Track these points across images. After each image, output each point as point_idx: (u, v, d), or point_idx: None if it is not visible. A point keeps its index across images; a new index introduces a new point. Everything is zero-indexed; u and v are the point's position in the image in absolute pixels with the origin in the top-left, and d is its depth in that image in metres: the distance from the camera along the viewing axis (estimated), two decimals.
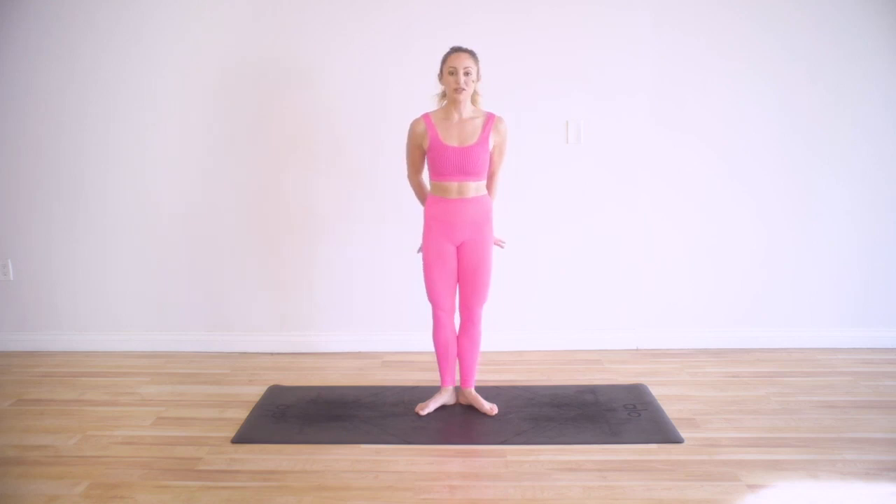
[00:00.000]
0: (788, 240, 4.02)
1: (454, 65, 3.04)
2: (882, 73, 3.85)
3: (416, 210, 3.33)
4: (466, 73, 3.03)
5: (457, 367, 3.31)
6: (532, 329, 4.11)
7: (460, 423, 3.17)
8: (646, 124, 3.93)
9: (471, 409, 3.28)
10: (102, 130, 4.00)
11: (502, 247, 3.31)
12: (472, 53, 3.08)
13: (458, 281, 3.20)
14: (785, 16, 3.82)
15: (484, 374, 3.57)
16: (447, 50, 3.12)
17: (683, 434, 2.98)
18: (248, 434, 3.05)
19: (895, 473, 2.65)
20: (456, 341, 3.26)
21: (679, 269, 4.05)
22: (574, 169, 3.97)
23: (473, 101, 3.16)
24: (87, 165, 4.04)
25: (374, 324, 4.13)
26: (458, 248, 3.17)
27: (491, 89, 3.85)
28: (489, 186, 3.23)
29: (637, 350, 4.09)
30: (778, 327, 4.08)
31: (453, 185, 3.10)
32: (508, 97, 3.84)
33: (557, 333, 4.10)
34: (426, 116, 3.14)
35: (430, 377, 3.62)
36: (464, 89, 3.04)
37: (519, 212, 3.93)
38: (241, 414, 3.26)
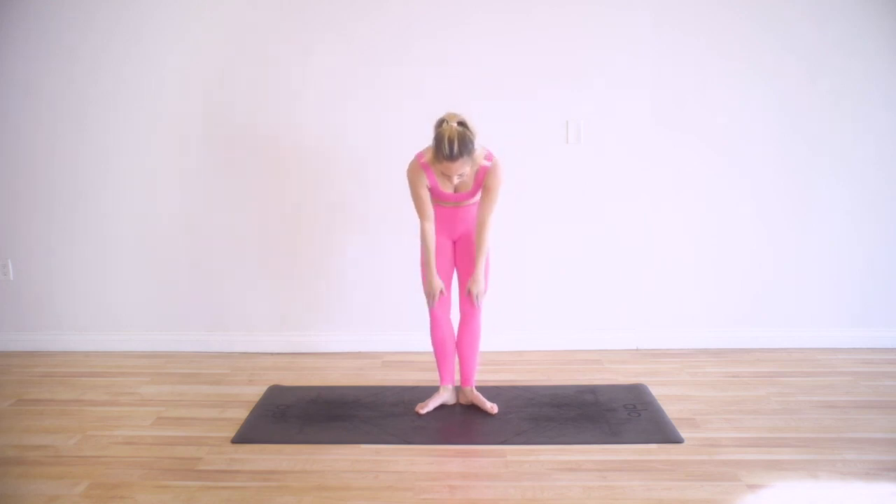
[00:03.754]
0: (789, 240, 4.01)
1: (447, 172, 2.94)
2: (882, 73, 3.85)
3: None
4: (460, 176, 2.96)
5: (457, 368, 3.31)
6: (532, 329, 4.11)
7: (460, 423, 3.17)
8: (646, 124, 3.93)
9: (471, 409, 3.28)
10: (102, 130, 4.00)
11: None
12: (465, 155, 2.86)
13: (457, 271, 3.25)
14: (785, 16, 3.82)
15: (484, 374, 3.57)
16: (440, 140, 2.85)
17: (683, 434, 2.98)
18: (248, 434, 3.05)
19: (895, 473, 2.65)
20: (453, 339, 3.27)
21: (679, 269, 4.05)
22: (574, 169, 3.97)
23: None
24: (87, 165, 4.03)
25: (374, 324, 4.13)
26: (455, 242, 3.23)
27: (491, 90, 3.87)
28: (476, 238, 3.10)
29: (637, 350, 4.09)
30: (778, 327, 4.08)
31: (450, 204, 3.16)
32: (508, 97, 3.85)
33: (557, 333, 4.10)
34: (423, 165, 3.03)
35: (430, 377, 3.62)
36: (456, 183, 3.03)
37: (519, 212, 3.93)
38: (241, 414, 3.26)
